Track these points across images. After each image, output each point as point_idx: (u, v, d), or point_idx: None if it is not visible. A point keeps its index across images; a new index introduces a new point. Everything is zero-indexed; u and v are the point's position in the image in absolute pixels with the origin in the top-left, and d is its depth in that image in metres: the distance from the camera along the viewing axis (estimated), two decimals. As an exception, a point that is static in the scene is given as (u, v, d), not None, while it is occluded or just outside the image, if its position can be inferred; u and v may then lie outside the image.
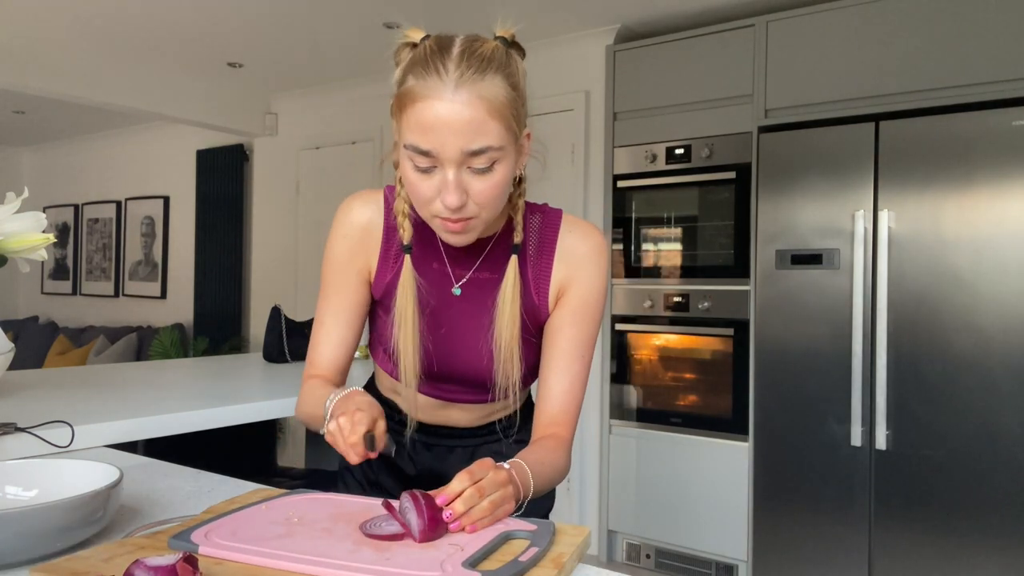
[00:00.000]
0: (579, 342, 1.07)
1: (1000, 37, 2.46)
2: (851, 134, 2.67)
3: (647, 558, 3.17)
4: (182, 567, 0.65)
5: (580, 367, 1.08)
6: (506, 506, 0.85)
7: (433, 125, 0.88)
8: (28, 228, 1.40)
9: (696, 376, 3.07)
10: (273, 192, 4.90)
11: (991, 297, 2.42)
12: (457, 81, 0.88)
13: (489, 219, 0.97)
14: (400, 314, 1.04)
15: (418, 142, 0.90)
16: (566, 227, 1.08)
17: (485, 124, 0.89)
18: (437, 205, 0.93)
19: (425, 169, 0.91)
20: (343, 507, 0.90)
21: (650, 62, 3.18)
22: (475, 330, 1.07)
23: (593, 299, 1.07)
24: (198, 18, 3.43)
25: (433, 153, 0.89)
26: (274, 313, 2.45)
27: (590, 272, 1.07)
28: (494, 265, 1.07)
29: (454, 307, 1.08)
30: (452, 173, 0.90)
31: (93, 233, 6.15)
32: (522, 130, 0.97)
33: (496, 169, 0.92)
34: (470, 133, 0.88)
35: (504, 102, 0.90)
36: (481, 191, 0.92)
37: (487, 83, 0.89)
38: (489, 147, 0.90)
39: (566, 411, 1.07)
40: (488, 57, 0.91)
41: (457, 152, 0.89)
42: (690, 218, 3.08)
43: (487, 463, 0.87)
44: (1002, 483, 2.39)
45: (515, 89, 0.93)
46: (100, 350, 5.30)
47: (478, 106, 0.88)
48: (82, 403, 1.55)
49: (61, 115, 5.42)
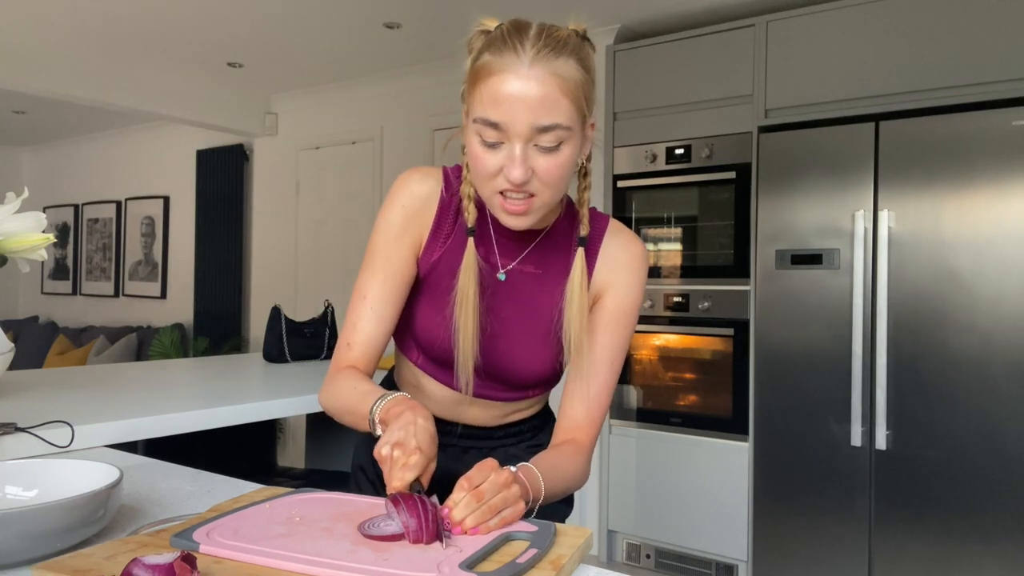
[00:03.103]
0: (610, 349, 1.06)
1: (1000, 37, 2.46)
2: (851, 134, 2.67)
3: (647, 558, 3.16)
4: (179, 566, 0.65)
5: (608, 375, 1.06)
6: (513, 509, 0.83)
7: (506, 98, 0.89)
8: (28, 228, 1.40)
9: (696, 376, 3.07)
10: (273, 192, 4.90)
11: (991, 297, 2.42)
12: (533, 57, 0.90)
13: (550, 203, 0.97)
14: (462, 294, 1.02)
15: (489, 114, 0.91)
16: (611, 232, 1.09)
17: (557, 101, 0.90)
18: (500, 180, 0.93)
19: (493, 144, 0.92)
20: (346, 507, 0.90)
21: (650, 62, 3.18)
22: (528, 319, 1.07)
23: (628, 308, 1.07)
24: (198, 18, 3.43)
25: (503, 126, 0.90)
26: (274, 313, 2.45)
27: (628, 280, 1.07)
28: (539, 256, 1.07)
29: (500, 293, 1.08)
30: (520, 147, 0.91)
31: (93, 233, 6.15)
32: (590, 117, 0.98)
33: (563, 149, 0.92)
34: (542, 109, 0.89)
35: (577, 83, 0.92)
36: (547, 169, 0.92)
37: (562, 62, 0.91)
38: (558, 125, 0.90)
39: (589, 418, 1.05)
40: (564, 40, 0.93)
41: (527, 126, 0.90)
42: (690, 218, 3.08)
43: (488, 465, 0.85)
44: (1002, 483, 2.39)
45: (588, 72, 0.94)
46: (100, 350, 5.30)
47: (552, 83, 0.90)
48: (82, 403, 1.55)
49: (61, 115, 5.42)
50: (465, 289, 1.02)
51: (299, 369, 2.27)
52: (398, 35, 3.59)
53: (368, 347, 1.06)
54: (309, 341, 2.46)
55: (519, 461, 0.94)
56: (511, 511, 0.82)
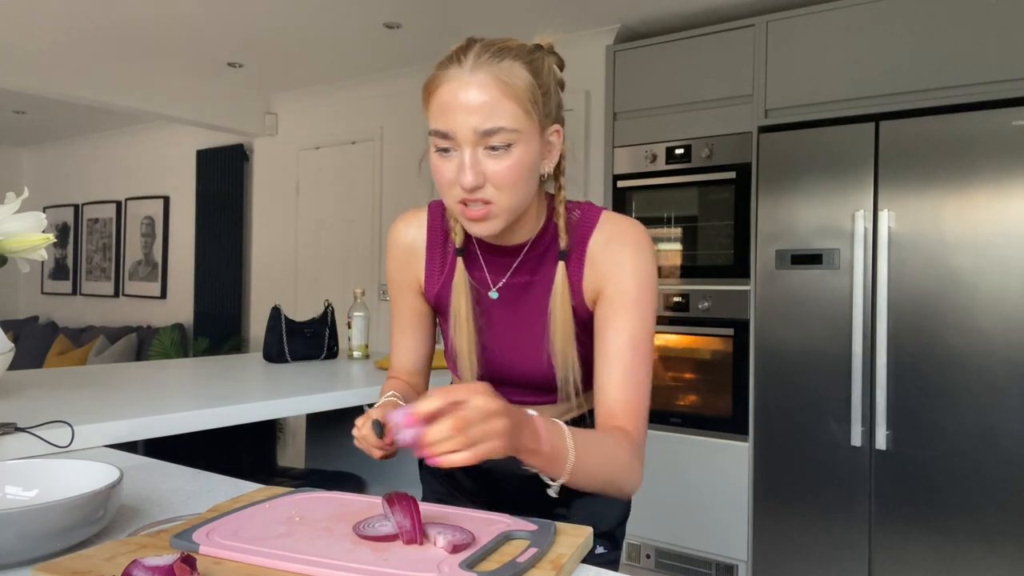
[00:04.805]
0: (626, 332, 1.01)
1: (1000, 37, 2.46)
2: (851, 134, 2.67)
3: (647, 558, 3.16)
4: (179, 567, 0.65)
5: (632, 359, 1.01)
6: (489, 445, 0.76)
7: (450, 106, 0.92)
8: (28, 228, 1.40)
9: (696, 376, 3.07)
10: (273, 192, 4.90)
11: (991, 297, 2.42)
12: (474, 64, 0.92)
13: (510, 207, 0.96)
14: (455, 313, 1.07)
15: (438, 125, 0.93)
16: (602, 223, 1.07)
17: (499, 104, 0.91)
18: (457, 189, 0.94)
19: (445, 151, 0.94)
20: (346, 507, 0.90)
21: (650, 62, 3.18)
22: (522, 331, 1.08)
23: (632, 288, 1.02)
24: (198, 18, 3.43)
25: (450, 134, 0.92)
26: (274, 313, 2.44)
27: (621, 264, 1.03)
28: (528, 268, 1.08)
29: (495, 309, 1.10)
30: (468, 152, 0.92)
31: (93, 233, 6.15)
32: (548, 123, 0.99)
33: (513, 152, 0.93)
34: (483, 112, 0.91)
35: (522, 86, 0.92)
36: (496, 172, 0.93)
37: (505, 66, 0.92)
38: (502, 128, 0.91)
39: (626, 405, 1.00)
40: (508, 47, 0.94)
41: (471, 131, 0.91)
42: (690, 218, 3.08)
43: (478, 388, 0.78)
44: (1002, 483, 2.39)
45: (536, 76, 0.95)
46: (100, 350, 5.30)
47: (493, 87, 0.91)
48: (82, 403, 1.55)
49: (61, 115, 5.42)
50: (458, 309, 1.07)
51: (299, 369, 2.27)
52: (398, 35, 3.59)
53: (407, 369, 1.21)
54: (309, 341, 2.46)
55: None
56: (486, 447, 0.76)
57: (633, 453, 0.97)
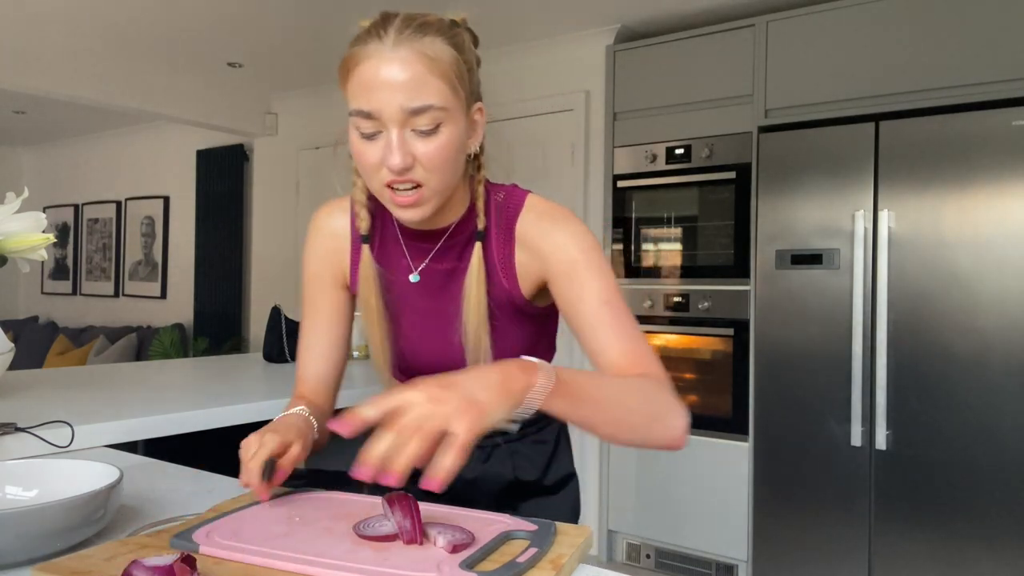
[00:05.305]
0: (593, 292, 0.96)
1: (1000, 37, 2.46)
2: (851, 134, 2.67)
3: (647, 558, 3.16)
4: (179, 567, 0.65)
5: (611, 313, 0.95)
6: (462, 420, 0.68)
7: (373, 84, 0.86)
8: (28, 228, 1.40)
9: (696, 376, 3.07)
10: (273, 192, 4.90)
11: (991, 297, 2.42)
12: (395, 39, 0.87)
13: (440, 190, 0.93)
14: (364, 303, 1.03)
15: (361, 104, 0.88)
16: (524, 211, 1.03)
17: (426, 81, 0.87)
18: (385, 172, 0.90)
19: (370, 135, 0.89)
20: (346, 506, 0.90)
21: (650, 62, 3.18)
22: (442, 319, 1.04)
23: (579, 254, 0.98)
24: (198, 18, 3.43)
25: (375, 114, 0.87)
26: (274, 313, 2.44)
27: (558, 239, 0.99)
28: (454, 253, 1.03)
29: (415, 296, 1.06)
30: (396, 133, 0.87)
31: (93, 233, 6.15)
32: (472, 101, 0.95)
33: (442, 132, 0.89)
34: (411, 90, 0.86)
35: (447, 62, 0.89)
36: (426, 153, 0.88)
37: (428, 41, 0.88)
38: (431, 105, 0.87)
39: (625, 352, 0.94)
40: (430, 23, 0.90)
41: (398, 110, 0.86)
42: (690, 218, 3.08)
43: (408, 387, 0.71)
44: (1002, 483, 2.39)
45: (460, 52, 0.91)
46: (100, 350, 5.29)
47: (418, 63, 0.87)
48: (82, 403, 1.55)
49: (61, 115, 5.42)
50: (367, 298, 1.03)
51: (299, 369, 2.26)
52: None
53: (315, 380, 1.12)
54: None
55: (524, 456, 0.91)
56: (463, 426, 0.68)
57: (665, 387, 0.90)
